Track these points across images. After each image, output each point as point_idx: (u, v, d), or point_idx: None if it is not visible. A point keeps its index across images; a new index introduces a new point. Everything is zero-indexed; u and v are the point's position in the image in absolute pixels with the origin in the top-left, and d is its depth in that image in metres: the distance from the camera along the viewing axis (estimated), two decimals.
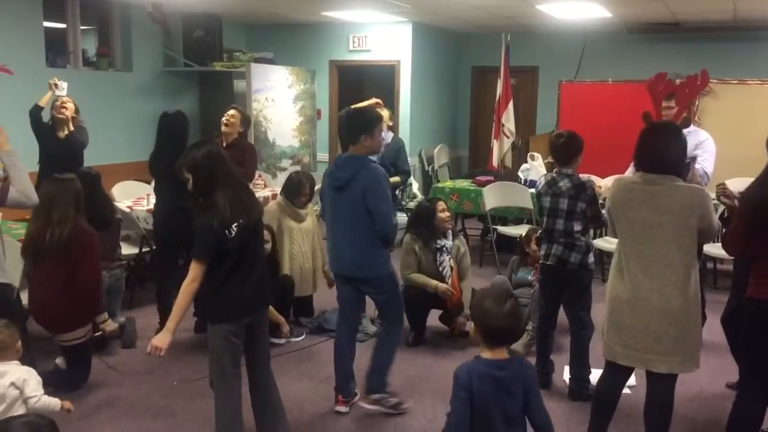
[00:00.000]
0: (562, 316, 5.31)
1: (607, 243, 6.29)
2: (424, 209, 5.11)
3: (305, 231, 5.34)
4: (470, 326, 2.67)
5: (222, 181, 3.14)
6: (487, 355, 2.51)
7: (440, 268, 4.90)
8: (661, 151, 3.15)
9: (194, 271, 3.09)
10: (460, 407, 2.38)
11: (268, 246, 4.96)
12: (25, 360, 3.26)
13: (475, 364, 2.48)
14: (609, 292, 3.27)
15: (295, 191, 5.33)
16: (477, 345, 2.57)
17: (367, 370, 3.98)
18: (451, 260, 4.97)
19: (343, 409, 3.99)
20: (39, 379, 3.14)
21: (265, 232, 4.92)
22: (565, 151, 4.12)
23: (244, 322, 3.24)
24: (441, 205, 5.03)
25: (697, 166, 4.78)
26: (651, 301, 3.11)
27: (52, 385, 3.58)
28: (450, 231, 5.09)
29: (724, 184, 3.97)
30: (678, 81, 7.26)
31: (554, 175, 4.13)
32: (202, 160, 3.16)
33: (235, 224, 3.08)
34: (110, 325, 4.31)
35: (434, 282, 4.83)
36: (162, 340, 3.07)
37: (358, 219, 3.72)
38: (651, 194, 3.11)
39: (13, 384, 3.02)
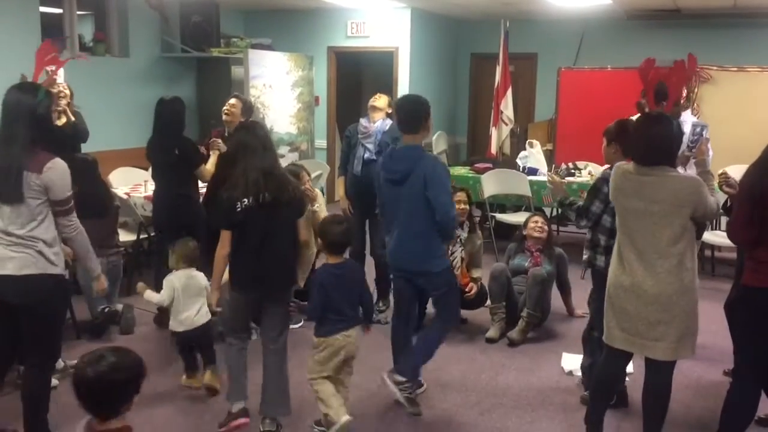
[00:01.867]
0: (558, 307, 5.35)
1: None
2: None
3: None
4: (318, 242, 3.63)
5: (242, 163, 3.45)
6: (330, 260, 3.50)
7: (450, 258, 4.89)
8: (654, 142, 3.13)
9: (221, 238, 3.47)
10: (318, 297, 3.40)
11: None
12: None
13: (324, 268, 3.50)
14: (609, 277, 3.29)
15: None
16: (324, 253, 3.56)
17: (408, 352, 3.90)
18: (463, 251, 4.97)
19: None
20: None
21: None
22: None
23: (252, 296, 3.57)
24: (458, 195, 4.97)
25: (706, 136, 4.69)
26: (645, 288, 3.13)
27: None
28: (466, 223, 5.08)
29: (726, 173, 3.96)
30: None
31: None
32: (231, 142, 3.69)
33: (244, 200, 3.38)
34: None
35: None
36: (212, 299, 3.64)
37: (419, 211, 3.66)
38: (642, 184, 3.12)
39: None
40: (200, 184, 5.16)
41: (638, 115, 3.87)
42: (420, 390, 4.01)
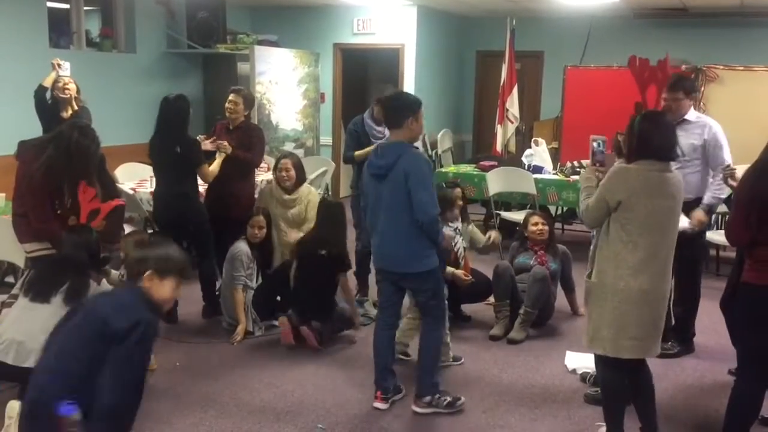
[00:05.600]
0: (562, 305, 5.34)
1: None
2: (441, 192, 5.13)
3: (293, 217, 5.23)
4: None
5: None
6: None
7: (455, 249, 4.88)
8: (670, 139, 3.20)
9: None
10: None
11: (263, 232, 4.97)
12: None
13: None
14: (612, 285, 3.16)
15: (274, 168, 5.31)
16: None
17: (416, 374, 3.84)
18: (463, 240, 4.98)
19: (381, 405, 3.84)
20: None
21: (261, 218, 4.96)
22: None
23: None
24: (456, 192, 4.96)
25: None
26: (663, 290, 3.17)
27: None
28: (459, 214, 5.06)
29: (730, 165, 3.95)
30: (684, 67, 7.23)
31: None
32: None
33: None
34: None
35: (450, 268, 4.80)
36: None
37: (401, 209, 3.58)
38: (666, 181, 3.14)
39: None
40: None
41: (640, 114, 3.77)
42: (399, 396, 3.93)
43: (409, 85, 9.16)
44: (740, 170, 3.85)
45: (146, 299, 2.52)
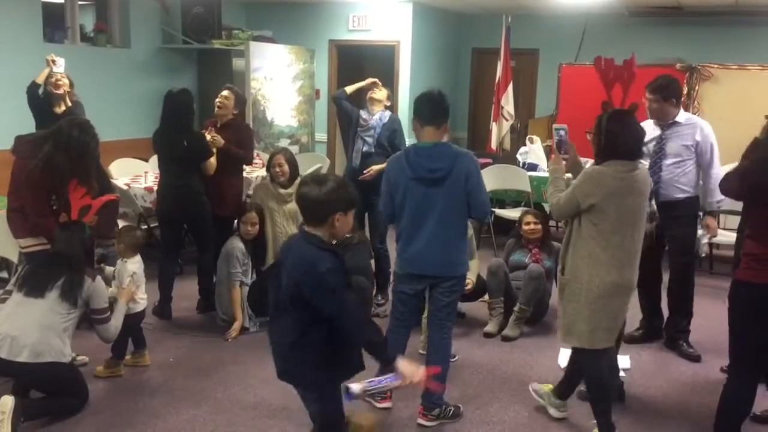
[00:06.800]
0: (556, 300, 5.35)
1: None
2: None
3: (289, 212, 5.18)
4: None
5: None
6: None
7: None
8: (639, 138, 3.28)
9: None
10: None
11: (256, 228, 4.96)
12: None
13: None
14: (591, 283, 3.22)
15: (268, 164, 5.28)
16: None
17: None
18: None
19: (388, 405, 3.81)
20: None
21: (254, 215, 4.94)
22: None
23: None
24: None
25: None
26: (632, 281, 3.29)
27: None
28: None
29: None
30: (678, 65, 7.26)
31: None
32: None
33: None
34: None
35: None
36: None
37: (455, 213, 3.51)
38: (635, 180, 3.21)
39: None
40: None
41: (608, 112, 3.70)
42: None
43: (404, 82, 9.16)
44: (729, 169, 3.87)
45: (317, 245, 2.68)
